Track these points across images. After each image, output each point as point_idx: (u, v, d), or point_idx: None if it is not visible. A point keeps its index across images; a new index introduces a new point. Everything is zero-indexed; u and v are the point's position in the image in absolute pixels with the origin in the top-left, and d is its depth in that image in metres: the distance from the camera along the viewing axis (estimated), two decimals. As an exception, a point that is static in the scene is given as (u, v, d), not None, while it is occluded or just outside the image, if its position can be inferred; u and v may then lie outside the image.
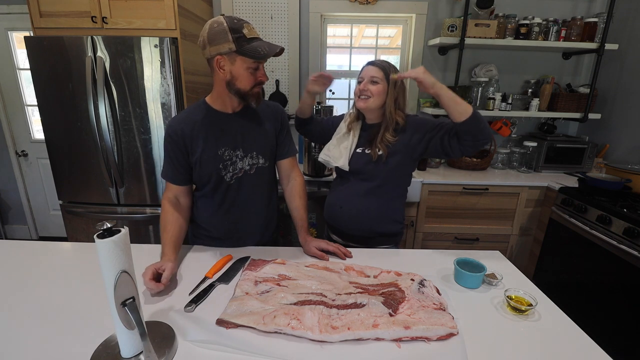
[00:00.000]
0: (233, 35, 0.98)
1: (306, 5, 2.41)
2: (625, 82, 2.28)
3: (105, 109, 1.83)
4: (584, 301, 1.82)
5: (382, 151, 1.23)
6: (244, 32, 0.99)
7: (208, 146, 1.11)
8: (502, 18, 2.25)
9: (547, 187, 2.16)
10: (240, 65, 1.02)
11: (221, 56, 1.01)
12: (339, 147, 1.33)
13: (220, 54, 1.01)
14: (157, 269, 0.94)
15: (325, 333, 0.74)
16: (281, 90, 2.52)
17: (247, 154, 1.16)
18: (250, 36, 1.00)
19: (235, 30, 0.98)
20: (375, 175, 1.27)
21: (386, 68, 1.23)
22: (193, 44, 2.03)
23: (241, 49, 0.99)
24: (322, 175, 2.16)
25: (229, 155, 1.14)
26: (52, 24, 1.86)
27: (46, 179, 2.91)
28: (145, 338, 0.65)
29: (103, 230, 0.63)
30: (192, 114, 1.13)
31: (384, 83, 1.22)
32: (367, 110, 1.26)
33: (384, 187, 1.29)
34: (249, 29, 1.01)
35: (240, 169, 1.16)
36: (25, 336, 0.76)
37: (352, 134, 1.33)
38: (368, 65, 1.25)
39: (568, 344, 0.78)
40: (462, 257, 1.05)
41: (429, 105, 2.48)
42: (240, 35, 0.99)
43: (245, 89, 1.06)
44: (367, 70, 1.24)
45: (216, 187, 1.16)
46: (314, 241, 1.17)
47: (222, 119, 1.13)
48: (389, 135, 1.23)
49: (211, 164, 1.13)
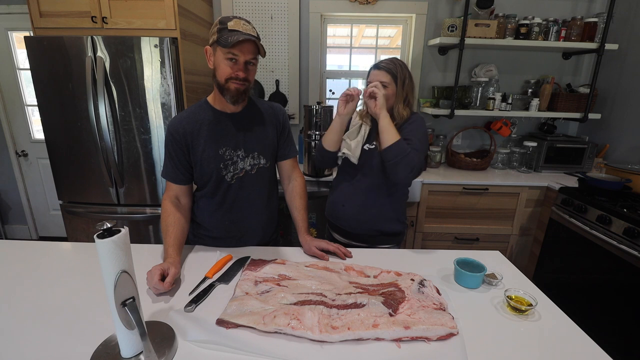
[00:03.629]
0: (219, 27, 1.02)
1: (306, 5, 2.41)
2: (625, 82, 2.28)
3: (105, 109, 1.83)
4: (584, 301, 1.82)
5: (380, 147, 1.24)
6: (227, 24, 1.02)
7: (209, 145, 1.12)
8: (502, 18, 2.25)
9: (547, 187, 2.16)
10: (219, 55, 1.04)
11: (209, 47, 1.07)
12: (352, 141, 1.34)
13: (210, 45, 1.06)
14: (164, 270, 0.94)
15: (325, 333, 0.74)
16: (281, 90, 2.52)
17: (249, 154, 1.16)
18: (232, 28, 1.01)
19: (222, 22, 1.02)
20: (376, 170, 1.27)
21: (393, 70, 1.24)
22: (193, 44, 2.03)
23: (219, 38, 1.01)
24: (322, 175, 2.16)
25: (230, 155, 1.14)
26: (52, 24, 1.86)
27: (46, 179, 2.91)
28: (145, 338, 0.65)
29: (103, 230, 0.62)
30: (194, 114, 1.13)
31: (392, 86, 1.24)
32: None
33: (385, 185, 1.29)
34: (236, 23, 1.02)
35: (241, 169, 1.16)
36: (25, 336, 0.76)
37: (363, 129, 1.33)
38: (375, 70, 1.26)
39: (568, 344, 0.78)
40: (462, 257, 1.04)
41: (429, 105, 2.48)
42: (223, 27, 1.02)
43: (221, 80, 1.06)
44: (375, 75, 1.25)
45: (217, 187, 1.16)
46: (314, 241, 1.17)
47: (223, 118, 1.13)
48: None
49: (212, 164, 1.13)
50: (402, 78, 1.25)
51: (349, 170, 1.35)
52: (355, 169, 1.32)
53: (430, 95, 2.60)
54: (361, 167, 1.31)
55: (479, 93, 2.44)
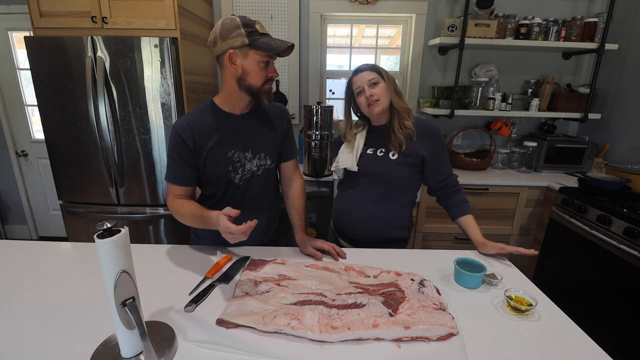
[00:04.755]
0: (246, 30, 0.99)
1: (306, 5, 2.41)
2: (625, 82, 2.28)
3: (105, 109, 1.83)
4: (584, 301, 1.82)
5: (395, 149, 1.22)
6: (256, 27, 1.00)
7: (217, 148, 1.10)
8: (502, 18, 2.25)
9: (547, 187, 2.16)
10: (252, 59, 1.02)
11: (234, 50, 1.00)
12: (344, 153, 1.32)
13: (233, 47, 1.00)
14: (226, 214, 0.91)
15: (325, 333, 0.74)
16: (281, 90, 2.52)
17: (256, 155, 1.16)
18: (262, 31, 1.01)
19: (248, 25, 0.99)
20: (386, 177, 1.25)
21: (374, 68, 1.22)
22: (193, 44, 2.04)
23: (254, 42, 0.99)
24: (322, 175, 2.16)
25: (239, 157, 1.13)
26: (52, 24, 1.86)
27: (46, 179, 2.91)
28: (145, 338, 0.65)
29: (103, 230, 0.62)
30: (201, 115, 1.11)
31: (382, 81, 1.21)
32: (382, 111, 1.23)
33: (394, 193, 1.27)
34: (261, 26, 1.03)
35: (248, 170, 1.15)
36: (25, 336, 0.76)
37: (358, 137, 1.31)
38: (357, 74, 1.22)
39: (568, 344, 0.78)
40: (462, 257, 1.04)
41: (429, 105, 2.48)
42: (253, 29, 1.00)
43: (256, 84, 1.05)
44: (360, 78, 1.21)
45: (225, 188, 1.15)
46: (310, 240, 1.17)
47: (231, 120, 1.12)
48: (407, 122, 1.21)
49: (221, 166, 1.11)
50: (384, 72, 1.23)
51: (354, 178, 1.32)
52: (361, 176, 1.29)
53: (430, 95, 2.60)
54: (367, 174, 1.28)
55: (479, 93, 2.44)
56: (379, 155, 1.26)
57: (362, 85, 1.21)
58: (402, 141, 1.21)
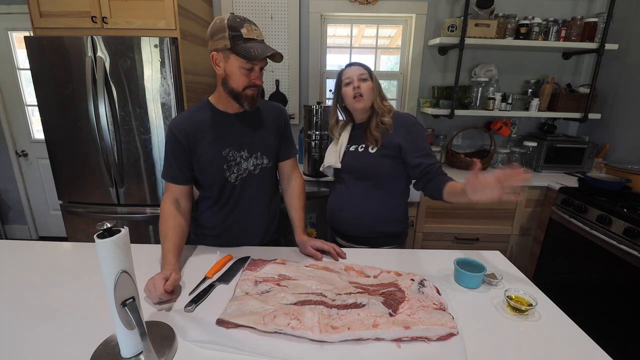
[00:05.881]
0: (230, 33, 0.98)
1: (306, 5, 2.41)
2: (625, 82, 2.28)
3: (105, 109, 1.83)
4: (584, 301, 1.82)
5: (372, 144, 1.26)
6: (241, 32, 0.99)
7: (212, 147, 1.10)
8: (502, 18, 2.25)
9: (547, 187, 2.16)
10: (233, 64, 1.02)
11: (217, 52, 1.02)
12: (330, 152, 1.39)
13: (216, 50, 1.01)
14: (167, 278, 0.89)
15: (325, 333, 0.74)
16: (281, 90, 2.52)
17: (252, 155, 1.16)
18: (247, 36, 0.99)
19: (233, 29, 0.98)
20: (368, 170, 1.28)
21: (364, 66, 1.28)
22: (193, 44, 2.03)
23: (235, 47, 0.99)
24: (322, 175, 2.16)
25: (234, 156, 1.13)
26: (52, 24, 1.86)
27: (46, 179, 2.91)
28: (145, 338, 0.65)
29: (103, 230, 0.63)
30: (196, 114, 1.12)
31: (370, 80, 1.26)
32: (364, 109, 1.29)
33: (380, 186, 1.29)
34: (249, 30, 1.00)
35: (244, 169, 1.16)
36: (26, 336, 0.76)
37: (343, 135, 1.37)
38: (350, 67, 1.28)
39: (568, 344, 0.78)
40: (462, 257, 1.04)
41: (429, 105, 2.48)
42: (237, 34, 0.98)
43: (237, 88, 1.05)
44: (352, 70, 1.26)
45: (220, 188, 1.15)
46: (310, 240, 1.17)
47: (226, 119, 1.13)
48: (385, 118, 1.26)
49: (215, 165, 1.12)
50: (373, 74, 1.29)
51: (341, 175, 1.36)
52: (346, 173, 1.33)
53: (430, 95, 2.60)
54: (351, 171, 1.32)
55: (479, 93, 2.44)
56: (359, 151, 1.30)
57: (352, 76, 1.26)
58: (377, 137, 1.25)
